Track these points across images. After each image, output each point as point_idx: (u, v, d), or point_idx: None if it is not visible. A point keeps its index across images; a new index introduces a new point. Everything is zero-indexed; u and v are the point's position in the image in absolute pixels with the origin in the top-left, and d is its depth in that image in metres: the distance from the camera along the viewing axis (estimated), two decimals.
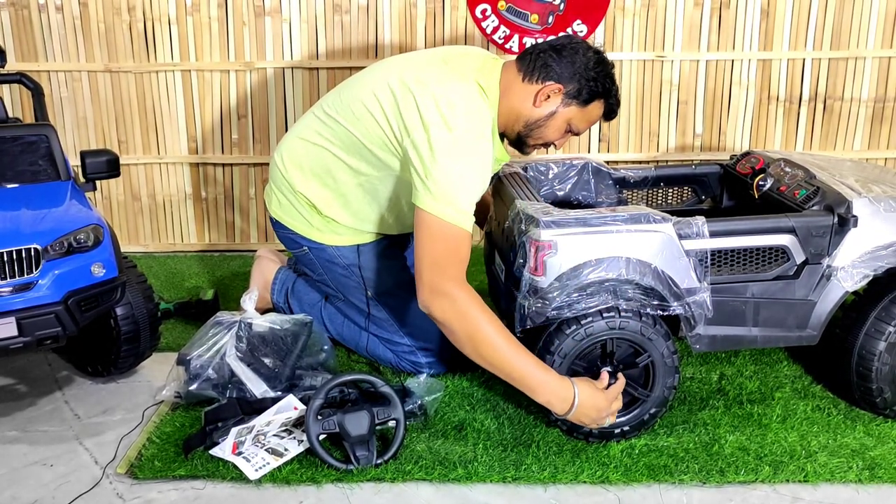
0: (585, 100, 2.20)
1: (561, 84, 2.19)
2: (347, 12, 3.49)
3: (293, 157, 2.44)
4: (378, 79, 2.26)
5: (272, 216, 2.56)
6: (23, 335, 2.12)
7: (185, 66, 3.54)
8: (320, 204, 2.42)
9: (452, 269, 2.05)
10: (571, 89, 2.19)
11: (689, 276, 2.08)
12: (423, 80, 2.15)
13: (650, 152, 3.67)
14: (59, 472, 2.07)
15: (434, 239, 2.06)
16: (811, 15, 3.49)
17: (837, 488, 1.98)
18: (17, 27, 3.49)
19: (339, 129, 2.32)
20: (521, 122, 2.24)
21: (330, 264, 2.50)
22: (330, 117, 2.35)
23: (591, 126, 2.31)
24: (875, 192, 2.20)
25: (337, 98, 2.36)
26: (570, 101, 2.20)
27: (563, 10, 3.44)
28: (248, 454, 2.07)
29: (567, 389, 2.01)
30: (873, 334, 2.16)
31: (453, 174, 2.06)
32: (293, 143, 2.45)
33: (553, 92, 2.19)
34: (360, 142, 2.27)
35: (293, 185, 2.43)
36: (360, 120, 2.25)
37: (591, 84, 2.18)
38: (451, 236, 2.05)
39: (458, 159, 2.07)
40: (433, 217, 2.05)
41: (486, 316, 2.03)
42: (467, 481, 2.01)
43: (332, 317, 2.63)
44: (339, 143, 2.33)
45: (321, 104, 2.42)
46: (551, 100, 2.21)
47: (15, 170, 2.40)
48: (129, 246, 3.74)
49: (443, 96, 2.11)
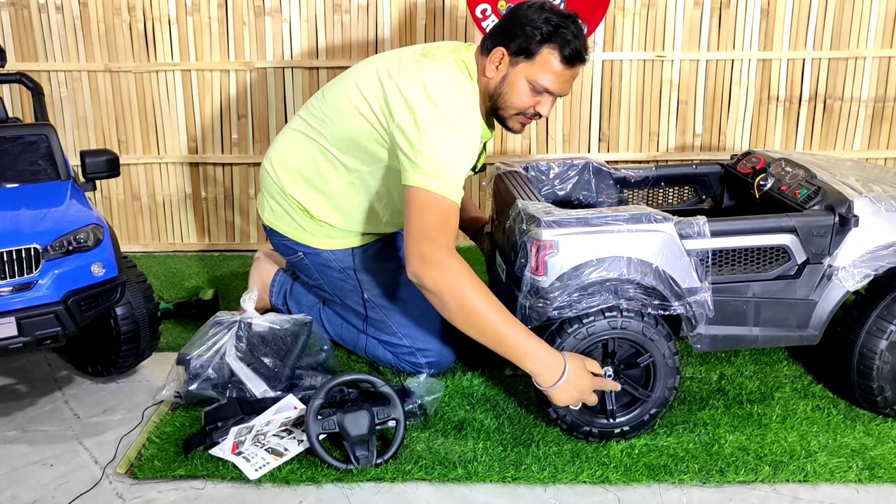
0: (531, 51, 2.15)
1: (503, 46, 2.18)
2: (347, 12, 3.49)
3: (282, 162, 2.45)
4: (360, 74, 2.30)
5: (266, 224, 2.56)
6: (23, 335, 2.12)
7: (185, 65, 3.54)
8: (312, 208, 2.42)
9: (443, 239, 2.05)
10: (513, 47, 2.17)
11: (690, 276, 2.08)
12: (404, 68, 2.21)
13: (650, 152, 3.67)
14: (59, 472, 2.07)
15: (425, 211, 2.06)
16: (811, 15, 3.49)
17: (837, 488, 1.98)
18: (17, 27, 3.49)
19: (327, 129, 2.34)
20: (487, 97, 2.26)
21: (325, 268, 2.51)
22: (316, 118, 2.37)
23: (560, 78, 2.19)
24: (876, 191, 2.20)
25: (321, 99, 2.39)
26: (517, 58, 2.17)
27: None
28: (248, 454, 2.06)
29: (558, 361, 2.01)
30: (874, 333, 2.16)
31: (442, 148, 2.08)
32: (281, 147, 2.47)
33: (499, 57, 2.19)
34: (348, 137, 2.29)
35: (284, 189, 2.44)
36: (347, 116, 2.27)
37: (529, 35, 2.14)
38: (442, 207, 2.06)
39: (446, 134, 2.09)
40: (424, 191, 2.07)
41: (477, 285, 2.03)
42: (467, 481, 2.01)
43: (330, 318, 2.63)
44: (327, 143, 2.34)
45: (306, 107, 2.45)
46: (501, 65, 2.20)
47: (15, 170, 2.40)
48: (129, 246, 3.74)
49: (426, 76, 2.15)
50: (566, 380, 2.01)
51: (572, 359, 2.03)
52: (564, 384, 2.01)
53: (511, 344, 2.03)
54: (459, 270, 2.03)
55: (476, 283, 2.03)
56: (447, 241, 2.05)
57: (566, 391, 2.02)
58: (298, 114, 2.47)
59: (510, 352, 2.04)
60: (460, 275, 2.02)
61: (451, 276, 2.02)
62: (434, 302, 2.09)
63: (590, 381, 2.04)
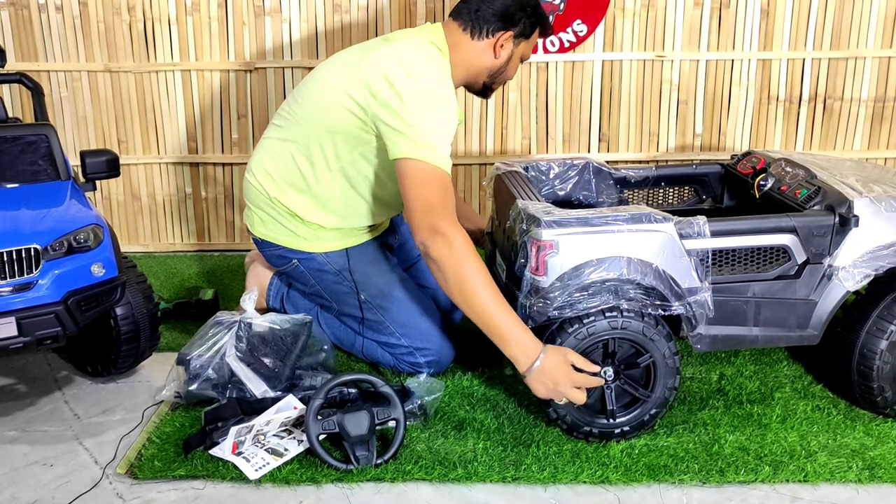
0: (530, 32, 2.39)
1: (509, 30, 2.35)
2: (347, 12, 3.49)
3: (262, 171, 2.47)
4: (329, 68, 2.39)
5: (256, 238, 2.56)
6: (23, 335, 2.12)
7: (184, 65, 3.54)
8: (301, 211, 2.43)
9: (447, 211, 2.12)
10: (518, 30, 2.36)
11: (690, 276, 2.08)
12: (376, 51, 2.30)
13: (650, 152, 3.67)
14: (59, 472, 2.07)
15: (424, 183, 2.12)
16: (811, 15, 3.49)
17: (837, 488, 1.98)
18: (16, 27, 3.49)
19: (302, 127, 2.37)
20: (485, 74, 2.41)
21: (320, 273, 2.51)
22: (289, 121, 2.42)
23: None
24: (876, 191, 2.20)
25: (292, 103, 2.45)
26: (520, 39, 2.39)
27: (562, 9, 3.43)
28: (248, 454, 2.06)
29: (535, 349, 2.03)
30: (875, 333, 2.16)
31: (428, 119, 2.17)
32: (260, 157, 2.49)
33: (506, 40, 2.36)
34: (326, 130, 2.32)
35: (270, 196, 2.45)
36: (323, 108, 2.32)
37: (531, 18, 2.37)
38: (440, 178, 2.13)
39: (430, 105, 2.19)
40: (419, 162, 2.13)
41: (477, 264, 2.09)
42: (467, 481, 2.01)
43: (328, 321, 2.63)
44: (305, 141, 2.37)
45: (277, 115, 2.51)
46: (506, 46, 2.37)
47: (15, 170, 2.40)
48: (129, 246, 3.74)
49: (402, 53, 2.24)
50: (539, 368, 2.02)
51: (553, 350, 2.04)
52: (537, 372, 2.03)
53: (496, 325, 2.06)
54: (464, 246, 2.09)
55: (477, 262, 2.08)
56: (451, 212, 2.13)
57: (539, 380, 2.04)
58: (271, 122, 2.52)
59: (495, 333, 2.07)
60: (464, 251, 2.08)
61: (456, 251, 2.08)
62: (434, 272, 2.14)
63: (566, 375, 2.03)
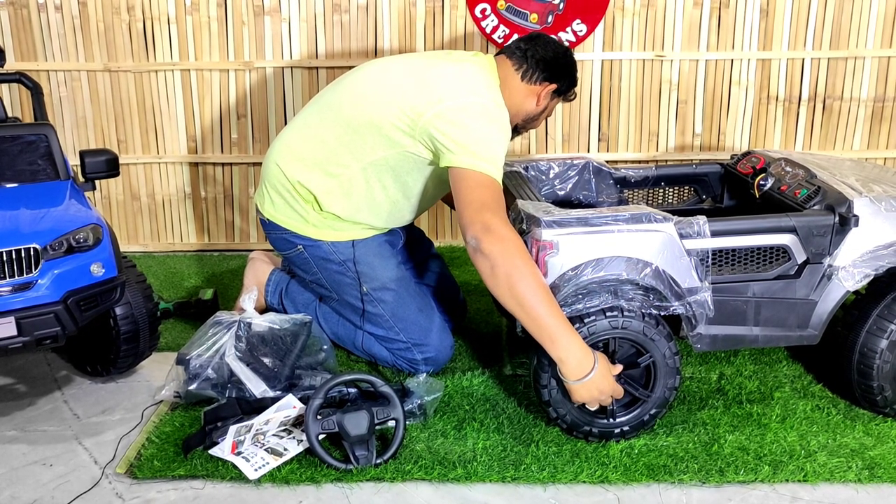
0: (565, 92, 2.53)
1: (555, 84, 2.46)
2: (347, 12, 3.49)
3: (292, 150, 2.46)
4: (392, 68, 2.43)
5: (264, 218, 2.56)
6: (22, 335, 2.12)
7: (184, 65, 3.53)
8: (322, 195, 2.42)
9: (501, 212, 2.14)
10: (561, 87, 2.49)
11: (690, 276, 2.08)
12: (444, 65, 2.38)
13: (650, 152, 3.67)
14: (59, 472, 2.07)
15: (480, 186, 2.17)
16: (811, 15, 3.49)
17: (837, 488, 1.98)
18: (16, 27, 3.49)
19: (345, 114, 2.39)
20: (521, 116, 2.49)
21: (324, 262, 2.50)
22: (330, 107, 2.43)
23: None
24: (876, 191, 2.20)
25: (334, 91, 2.47)
26: (558, 96, 2.52)
27: (562, 9, 3.43)
28: (248, 454, 2.06)
29: (588, 358, 2.02)
30: (875, 332, 2.16)
31: (486, 135, 2.23)
32: (290, 137, 2.49)
33: (548, 91, 2.47)
34: (368, 122, 2.34)
35: (293, 177, 2.44)
36: (371, 103, 2.36)
37: (572, 81, 2.52)
38: (494, 186, 2.18)
39: (489, 122, 2.25)
40: (475, 172, 2.18)
41: (529, 262, 2.07)
42: (467, 481, 2.01)
43: (326, 316, 2.63)
44: (345, 126, 2.38)
45: (316, 101, 2.52)
46: (546, 97, 2.48)
47: (14, 169, 2.40)
48: (128, 246, 3.74)
49: (468, 71, 2.35)
50: (592, 378, 2.02)
51: (602, 359, 2.04)
52: (589, 382, 2.02)
53: (545, 325, 2.02)
54: (516, 244, 2.08)
55: (528, 260, 2.06)
56: (504, 213, 2.15)
57: (588, 389, 2.03)
58: (307, 108, 2.52)
59: (542, 333, 2.03)
60: (516, 248, 2.07)
61: (508, 245, 2.07)
62: (483, 267, 2.11)
63: (611, 385, 2.05)
